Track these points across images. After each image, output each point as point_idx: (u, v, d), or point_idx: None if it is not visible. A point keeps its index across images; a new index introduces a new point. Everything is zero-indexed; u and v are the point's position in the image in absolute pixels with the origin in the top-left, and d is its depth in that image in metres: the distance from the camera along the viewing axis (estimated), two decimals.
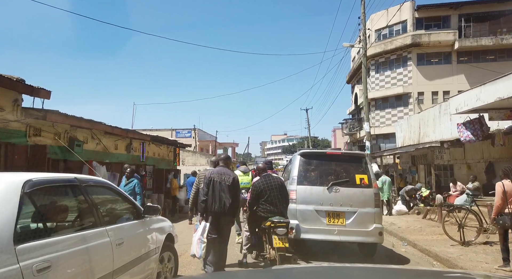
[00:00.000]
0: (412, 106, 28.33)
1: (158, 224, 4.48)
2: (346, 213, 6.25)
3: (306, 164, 6.71)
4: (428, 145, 13.08)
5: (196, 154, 26.10)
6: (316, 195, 6.36)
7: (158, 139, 13.60)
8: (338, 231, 6.14)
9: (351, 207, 6.26)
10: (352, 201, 6.29)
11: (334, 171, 6.61)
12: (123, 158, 11.20)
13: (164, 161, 15.45)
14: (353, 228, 6.18)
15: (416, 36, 27.62)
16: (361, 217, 6.22)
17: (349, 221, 6.21)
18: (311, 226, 6.19)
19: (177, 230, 5.52)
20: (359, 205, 6.28)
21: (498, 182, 5.80)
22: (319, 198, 6.34)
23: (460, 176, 14.74)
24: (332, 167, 6.70)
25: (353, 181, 6.46)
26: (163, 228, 4.55)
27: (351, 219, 6.22)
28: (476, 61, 27.40)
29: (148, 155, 13.45)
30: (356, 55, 37.39)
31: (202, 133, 47.05)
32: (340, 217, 6.25)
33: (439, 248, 7.05)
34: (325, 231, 6.17)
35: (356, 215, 6.23)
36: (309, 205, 6.31)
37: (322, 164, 6.80)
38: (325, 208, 6.29)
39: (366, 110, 14.93)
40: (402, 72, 29.05)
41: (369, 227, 6.20)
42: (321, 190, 6.38)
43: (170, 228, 4.82)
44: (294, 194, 6.38)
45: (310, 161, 6.77)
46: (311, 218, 6.24)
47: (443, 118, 15.94)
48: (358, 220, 6.21)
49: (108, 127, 9.50)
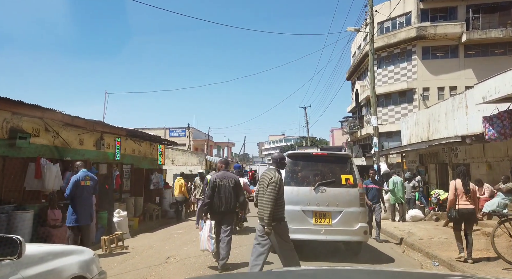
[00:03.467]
0: (416, 102, 26.76)
1: (46, 263, 2.64)
2: (332, 213, 6.34)
3: (293, 165, 6.74)
4: (446, 140, 11.46)
5: (187, 153, 24.42)
6: (303, 196, 6.41)
7: (136, 134, 11.90)
8: (325, 231, 6.25)
9: (337, 207, 6.35)
10: (338, 201, 6.37)
11: (320, 172, 6.70)
12: (91, 155, 9.52)
13: (146, 159, 13.76)
14: (339, 227, 6.28)
15: (421, 29, 26.04)
16: (346, 217, 6.31)
17: (335, 221, 6.31)
18: (298, 226, 6.20)
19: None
20: (345, 205, 6.36)
21: (452, 181, 6.49)
22: (306, 198, 6.40)
23: (478, 177, 13.12)
24: (319, 168, 6.81)
25: (339, 181, 6.51)
26: (58, 271, 2.70)
27: (337, 218, 6.32)
28: (484, 54, 25.87)
29: (125, 152, 11.76)
30: (357, 51, 35.89)
31: (197, 132, 45.35)
32: (326, 217, 6.35)
33: (487, 271, 5.37)
34: (312, 231, 6.27)
35: (342, 214, 6.32)
36: (296, 205, 6.33)
37: (308, 165, 6.92)
38: (312, 208, 6.36)
39: (373, 102, 13.30)
40: (406, 66, 27.47)
41: (354, 226, 6.30)
42: (308, 190, 6.43)
43: (83, 265, 2.99)
44: None
45: (297, 162, 6.85)
46: (298, 218, 6.29)
47: (458, 113, 14.35)
48: (344, 220, 6.30)
49: (66, 116, 7.81)
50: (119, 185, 10.77)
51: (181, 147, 35.12)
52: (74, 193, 5.96)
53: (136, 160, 12.71)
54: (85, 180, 6.14)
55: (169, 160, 24.00)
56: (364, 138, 32.59)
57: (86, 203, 6.13)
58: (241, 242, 7.77)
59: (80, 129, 8.96)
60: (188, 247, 7.45)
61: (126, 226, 8.60)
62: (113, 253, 6.97)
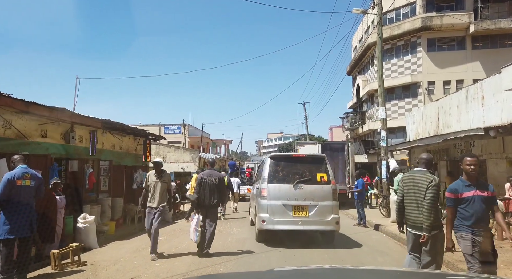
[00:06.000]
0: (421, 97, 25.48)
1: None
2: (309, 207, 7.27)
3: (276, 165, 7.67)
4: (465, 133, 10.15)
5: (179, 150, 23.04)
6: (284, 192, 7.34)
7: (115, 126, 10.55)
8: (302, 222, 7.18)
9: (313, 201, 7.28)
10: (314, 196, 7.31)
11: (299, 171, 7.57)
12: (56, 150, 8.19)
13: (129, 156, 12.42)
14: (315, 218, 7.23)
15: (426, 19, 24.73)
16: (321, 209, 7.26)
17: (311, 213, 7.25)
18: (279, 218, 7.22)
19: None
20: (320, 199, 7.30)
21: None
22: (286, 194, 7.32)
23: (496, 175, 11.90)
24: (298, 168, 7.66)
25: (315, 179, 7.46)
26: None
27: (313, 211, 7.25)
28: (493, 46, 24.60)
29: (102, 147, 10.43)
30: (358, 44, 34.57)
31: (193, 129, 43.93)
32: (304, 210, 7.28)
33: None
34: (291, 222, 7.21)
35: (317, 207, 7.26)
36: (278, 200, 7.30)
37: (289, 165, 7.77)
38: (291, 202, 7.29)
39: (381, 91, 11.97)
40: (410, 59, 26.16)
41: (327, 218, 7.27)
42: (288, 187, 7.35)
43: None
44: (265, 191, 7.41)
45: (279, 163, 7.74)
46: (280, 211, 7.24)
47: (472, 104, 13.09)
48: (319, 212, 7.24)
49: (17, 102, 6.46)
50: (93, 184, 9.44)
51: (177, 144, 33.82)
52: (7, 195, 4.60)
53: (117, 156, 11.38)
54: (24, 178, 4.74)
55: (160, 157, 22.64)
56: (365, 134, 31.32)
57: (24, 209, 4.68)
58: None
59: (43, 118, 7.64)
60: (162, 262, 6.10)
61: (93, 234, 7.27)
62: (64, 272, 5.55)
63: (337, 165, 15.49)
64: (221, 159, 32.84)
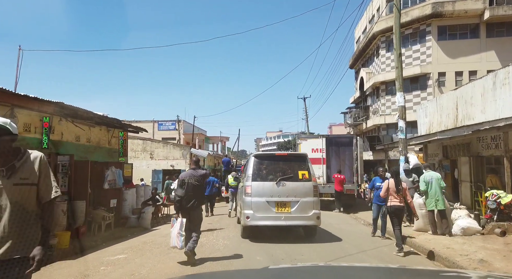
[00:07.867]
0: (431, 89, 23.63)
1: None
2: (291, 203, 7.67)
3: (259, 164, 8.06)
4: (504, 122, 8.26)
5: (168, 146, 21.16)
6: (267, 189, 7.74)
7: (78, 114, 8.65)
8: (285, 217, 7.60)
9: (295, 198, 7.70)
10: (295, 192, 7.72)
11: (281, 169, 7.99)
12: None
13: (100, 150, 10.53)
14: (297, 214, 7.63)
15: (437, 5, 22.87)
16: (302, 205, 7.66)
17: (293, 209, 7.65)
18: (263, 214, 7.62)
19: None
20: (301, 196, 7.72)
21: (386, 180, 7.38)
22: (269, 191, 7.72)
23: None
24: (280, 166, 8.09)
25: (296, 176, 7.85)
26: None
27: (295, 207, 7.66)
28: (509, 34, 22.76)
29: (61, 139, 8.55)
30: (362, 35, 32.72)
31: (188, 126, 41.99)
32: (286, 206, 7.67)
33: None
34: (274, 218, 7.62)
35: (298, 203, 7.67)
36: (262, 197, 7.70)
37: (272, 163, 8.16)
38: (274, 199, 7.69)
39: (398, 74, 10.09)
40: (419, 49, 24.29)
41: (309, 213, 7.68)
42: (271, 185, 7.76)
43: None
44: (249, 189, 7.79)
45: (262, 161, 8.16)
46: (263, 208, 7.63)
47: (501, 92, 11.27)
48: (300, 208, 7.64)
49: None
50: None
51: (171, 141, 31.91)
52: None
53: (82, 150, 9.49)
54: None
55: (148, 153, 20.77)
56: (369, 130, 29.48)
57: None
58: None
59: None
60: None
61: None
62: None
63: (343, 162, 13.64)
64: (216, 156, 30.91)
